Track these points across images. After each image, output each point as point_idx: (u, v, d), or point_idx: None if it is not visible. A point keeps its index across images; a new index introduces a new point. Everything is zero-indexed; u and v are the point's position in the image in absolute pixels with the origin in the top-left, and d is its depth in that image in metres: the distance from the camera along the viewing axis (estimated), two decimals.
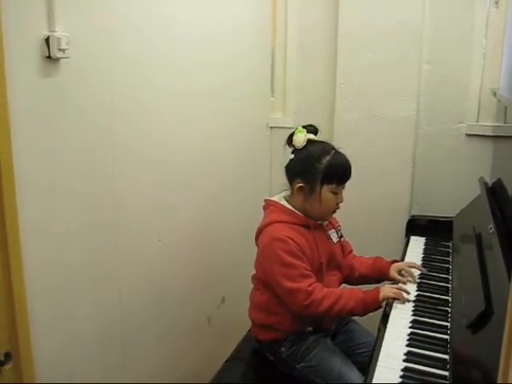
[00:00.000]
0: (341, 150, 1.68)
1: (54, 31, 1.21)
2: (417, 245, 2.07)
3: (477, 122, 2.28)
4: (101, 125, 1.44)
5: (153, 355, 1.80)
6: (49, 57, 1.21)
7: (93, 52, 1.38)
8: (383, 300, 1.56)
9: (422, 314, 1.50)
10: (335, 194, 1.65)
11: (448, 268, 1.82)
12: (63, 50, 1.22)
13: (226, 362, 1.78)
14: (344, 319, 1.78)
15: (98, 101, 1.42)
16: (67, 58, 1.25)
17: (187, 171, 1.90)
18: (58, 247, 1.33)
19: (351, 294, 1.59)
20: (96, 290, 1.49)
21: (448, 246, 2.02)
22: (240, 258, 2.15)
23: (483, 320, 1.17)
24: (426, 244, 2.07)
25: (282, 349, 1.67)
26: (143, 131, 1.63)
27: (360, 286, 1.70)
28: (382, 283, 1.68)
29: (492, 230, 1.47)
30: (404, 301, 1.56)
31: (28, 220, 1.21)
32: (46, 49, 1.20)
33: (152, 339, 1.78)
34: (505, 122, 2.23)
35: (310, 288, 1.55)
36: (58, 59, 1.23)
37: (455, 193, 2.27)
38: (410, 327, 1.44)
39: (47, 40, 1.20)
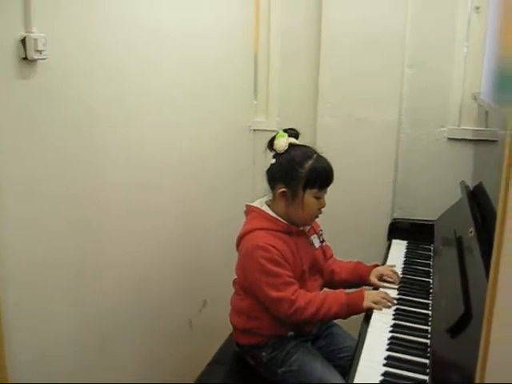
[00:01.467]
0: (323, 154, 1.67)
1: (30, 32, 1.19)
2: (398, 248, 2.06)
3: (458, 126, 2.29)
4: (80, 127, 1.42)
5: (133, 358, 1.78)
6: (25, 58, 1.19)
7: (72, 53, 1.35)
8: (367, 309, 1.55)
9: (403, 317, 1.50)
10: (318, 198, 1.64)
11: (429, 271, 1.83)
12: (40, 51, 1.20)
13: (207, 366, 1.77)
14: (326, 323, 1.77)
15: (78, 103, 1.40)
16: (44, 59, 1.23)
17: (170, 173, 1.89)
18: (37, 245, 1.31)
19: (334, 298, 1.58)
20: (75, 290, 1.47)
21: (429, 250, 2.02)
22: (223, 261, 2.13)
23: (462, 324, 1.17)
24: (407, 247, 2.07)
25: (263, 353, 1.66)
26: (124, 133, 1.61)
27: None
28: (362, 288, 1.68)
29: (472, 233, 1.47)
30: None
31: (6, 218, 1.20)
32: (23, 50, 1.18)
33: (132, 342, 1.76)
34: (486, 127, 2.24)
35: (293, 297, 1.55)
36: (34, 60, 1.21)
37: (437, 196, 2.27)
38: (390, 331, 1.43)
39: (23, 41, 1.18)
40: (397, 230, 2.18)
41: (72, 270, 1.45)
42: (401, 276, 1.77)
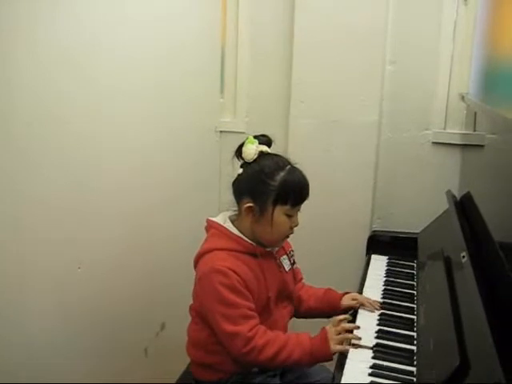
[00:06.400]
0: (297, 163, 1.47)
1: None
2: (378, 265, 1.87)
3: (444, 129, 2.14)
4: None
5: None
6: None
7: None
8: (334, 353, 1.34)
9: (384, 356, 1.28)
10: (290, 216, 1.43)
11: (413, 294, 1.63)
12: None
13: None
14: None
15: None
16: None
17: (118, 182, 1.65)
18: None
19: (298, 342, 1.37)
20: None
21: (412, 267, 1.84)
22: (185, 279, 1.92)
23: (458, 378, 0.96)
24: (388, 264, 1.88)
25: None
26: (50, 136, 1.36)
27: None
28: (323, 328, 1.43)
29: (465, 258, 1.27)
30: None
31: None
32: None
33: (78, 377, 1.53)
34: (474, 130, 2.10)
35: (250, 333, 1.34)
36: None
37: (421, 206, 2.13)
38: (369, 374, 1.22)
39: None
40: (376, 243, 2.00)
41: None
42: (381, 301, 1.57)
